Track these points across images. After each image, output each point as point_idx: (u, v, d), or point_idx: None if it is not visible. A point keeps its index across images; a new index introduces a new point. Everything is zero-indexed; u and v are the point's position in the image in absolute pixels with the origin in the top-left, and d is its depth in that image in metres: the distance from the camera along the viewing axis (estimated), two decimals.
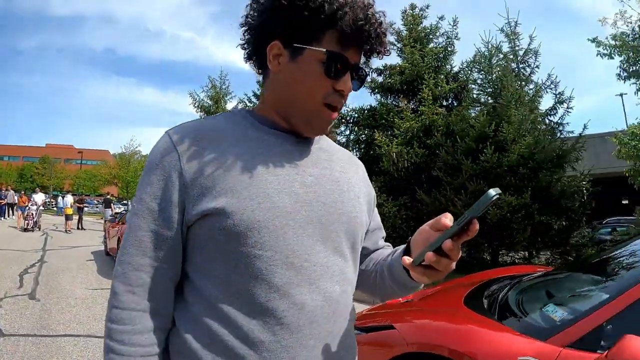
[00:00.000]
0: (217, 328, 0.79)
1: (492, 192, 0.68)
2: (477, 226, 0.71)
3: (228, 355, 0.78)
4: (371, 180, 5.52)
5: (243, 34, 0.90)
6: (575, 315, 2.00)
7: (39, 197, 17.54)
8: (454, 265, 0.76)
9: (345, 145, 9.53)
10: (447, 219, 0.74)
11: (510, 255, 7.52)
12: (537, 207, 6.63)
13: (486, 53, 8.61)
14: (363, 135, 9.47)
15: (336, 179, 0.91)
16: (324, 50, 0.81)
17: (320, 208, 0.85)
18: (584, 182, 7.81)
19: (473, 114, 8.12)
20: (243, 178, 0.80)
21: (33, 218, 16.14)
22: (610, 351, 1.60)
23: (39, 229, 16.53)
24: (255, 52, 0.90)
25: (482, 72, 8.56)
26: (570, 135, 8.93)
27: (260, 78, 0.94)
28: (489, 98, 8.14)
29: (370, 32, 0.82)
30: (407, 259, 0.77)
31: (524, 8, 10.54)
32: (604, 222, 13.91)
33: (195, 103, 15.32)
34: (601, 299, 2.02)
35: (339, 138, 9.97)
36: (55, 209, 31.76)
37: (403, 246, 0.92)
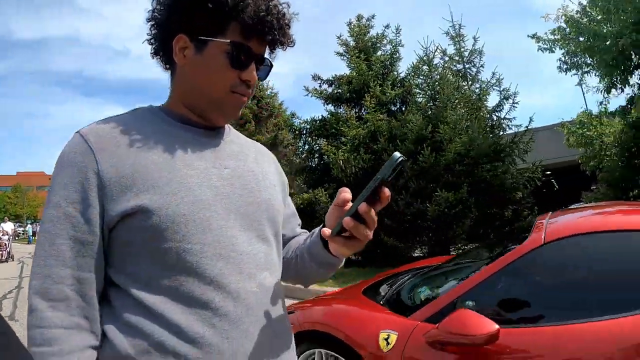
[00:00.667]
0: (153, 330, 0.76)
1: (397, 154, 0.73)
2: (389, 192, 0.76)
3: (169, 356, 0.75)
4: (323, 187, 5.88)
5: (149, 29, 0.90)
6: (434, 295, 2.34)
7: (8, 227, 17.40)
8: (370, 234, 0.79)
9: (300, 156, 9.93)
10: (346, 192, 0.82)
11: (459, 247, 7.92)
12: (473, 201, 7.06)
13: (425, 58, 9.07)
14: (316, 145, 9.83)
15: (251, 169, 0.93)
16: (228, 41, 0.83)
17: (239, 199, 0.87)
18: (534, 173, 8.33)
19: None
20: (163, 174, 0.79)
21: (6, 248, 15.97)
22: (442, 322, 1.86)
23: (12, 259, 16.41)
24: (162, 47, 0.90)
25: (422, 76, 9.02)
26: (519, 129, 9.37)
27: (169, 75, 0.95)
28: (430, 101, 8.59)
29: (272, 22, 0.84)
30: (327, 230, 0.81)
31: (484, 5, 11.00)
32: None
33: None
34: (457, 282, 2.36)
35: (287, 150, 10.33)
36: (26, 237, 31.28)
37: (319, 227, 0.94)
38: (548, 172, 15.92)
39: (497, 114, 9.53)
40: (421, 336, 1.96)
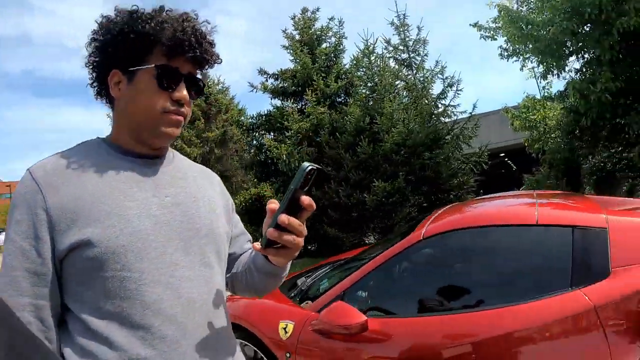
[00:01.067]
0: (103, 352, 0.82)
1: (306, 164, 0.77)
2: (309, 200, 0.80)
3: None
4: (269, 182, 5.87)
5: (89, 73, 0.96)
6: (328, 288, 2.42)
7: None
8: (300, 240, 0.84)
9: (247, 152, 9.92)
10: (272, 203, 0.84)
11: None
12: (410, 190, 7.20)
13: (365, 50, 9.14)
14: (262, 140, 9.83)
15: (192, 195, 0.97)
16: (153, 65, 0.88)
17: (179, 225, 0.91)
18: (481, 158, 8.53)
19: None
20: (104, 207, 0.84)
21: None
22: (321, 314, 1.99)
23: None
24: (102, 87, 0.96)
25: (363, 68, 9.09)
26: (468, 115, 9.54)
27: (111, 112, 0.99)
28: (370, 92, 8.67)
29: (190, 41, 0.89)
30: (257, 244, 0.85)
31: None
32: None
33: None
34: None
35: (237, 146, 10.31)
36: None
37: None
38: (502, 155, 16.33)
39: (442, 102, 9.70)
40: (309, 326, 2.09)
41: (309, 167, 0.76)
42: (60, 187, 0.84)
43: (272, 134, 9.69)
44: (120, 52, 0.89)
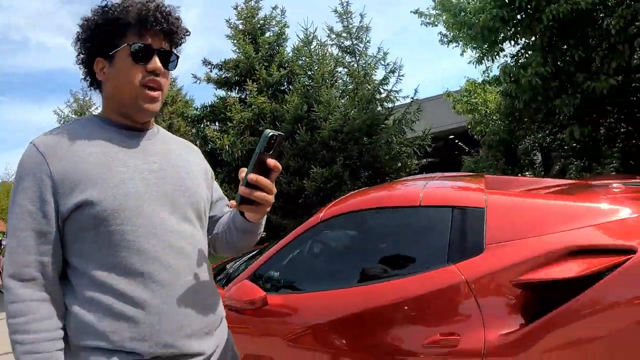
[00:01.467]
0: (106, 300, 0.95)
1: (268, 131, 0.89)
2: (274, 162, 0.96)
3: (121, 319, 0.95)
4: (215, 172, 5.77)
5: (81, 69, 1.12)
6: (242, 270, 2.54)
7: None
8: (270, 197, 0.99)
9: (195, 143, 9.88)
10: (243, 172, 0.97)
11: None
12: (348, 175, 7.42)
13: (306, 39, 9.25)
14: (207, 130, 9.82)
15: (175, 163, 1.11)
16: (126, 44, 1.02)
17: (167, 187, 1.05)
18: (424, 141, 8.82)
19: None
20: (102, 172, 0.98)
21: None
22: (229, 292, 2.12)
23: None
24: (92, 78, 1.11)
25: (303, 56, 9.21)
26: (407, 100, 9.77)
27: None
28: (310, 81, 8.80)
29: (156, 16, 1.02)
30: (233, 202, 1.00)
31: None
32: None
33: (60, 120, 14.82)
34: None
35: (184, 138, 10.26)
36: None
37: None
38: (452, 137, 16.76)
39: (384, 87, 9.91)
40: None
41: (271, 134, 0.87)
42: (62, 156, 0.97)
43: (217, 124, 9.71)
44: (99, 42, 1.04)
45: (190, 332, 1.03)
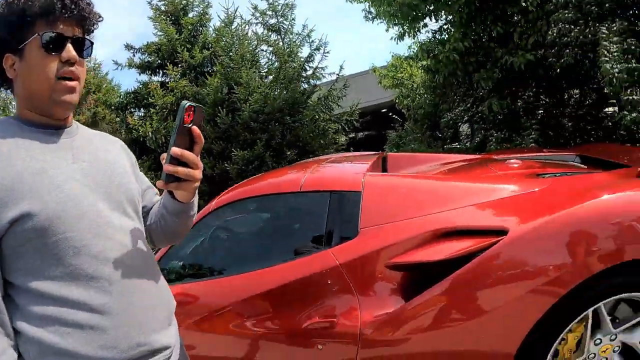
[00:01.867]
0: (61, 312, 0.89)
1: (184, 102, 0.87)
2: (198, 131, 0.93)
3: (82, 329, 0.90)
4: (141, 159, 5.70)
5: None
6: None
7: None
8: (196, 172, 0.96)
9: (117, 132, 9.66)
10: (164, 158, 0.95)
11: None
12: (270, 155, 7.53)
13: (227, 20, 9.16)
14: (129, 119, 9.62)
15: (104, 158, 1.07)
16: (36, 34, 0.94)
17: (102, 185, 1.01)
18: (352, 116, 9.00)
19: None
20: (34, 179, 0.90)
21: None
22: None
23: None
24: (2, 76, 1.01)
25: (225, 37, 9.13)
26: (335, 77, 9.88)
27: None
28: (231, 62, 8.75)
29: (64, 3, 0.94)
30: (160, 181, 0.96)
31: None
32: None
33: None
34: None
35: (109, 127, 10.02)
36: None
37: None
38: (384, 110, 17.14)
39: (310, 65, 9.97)
40: None
41: (187, 104, 0.87)
42: None
43: (141, 111, 9.51)
44: (5, 37, 0.96)
45: (156, 326, 1.03)
